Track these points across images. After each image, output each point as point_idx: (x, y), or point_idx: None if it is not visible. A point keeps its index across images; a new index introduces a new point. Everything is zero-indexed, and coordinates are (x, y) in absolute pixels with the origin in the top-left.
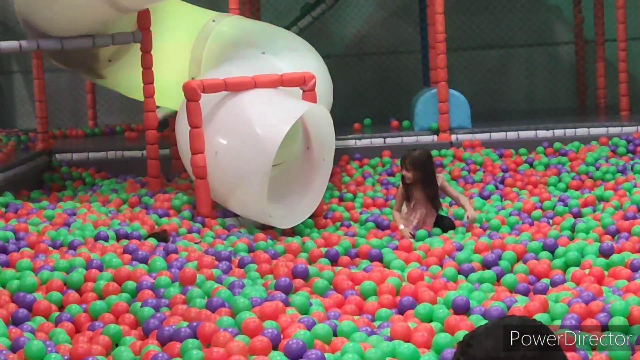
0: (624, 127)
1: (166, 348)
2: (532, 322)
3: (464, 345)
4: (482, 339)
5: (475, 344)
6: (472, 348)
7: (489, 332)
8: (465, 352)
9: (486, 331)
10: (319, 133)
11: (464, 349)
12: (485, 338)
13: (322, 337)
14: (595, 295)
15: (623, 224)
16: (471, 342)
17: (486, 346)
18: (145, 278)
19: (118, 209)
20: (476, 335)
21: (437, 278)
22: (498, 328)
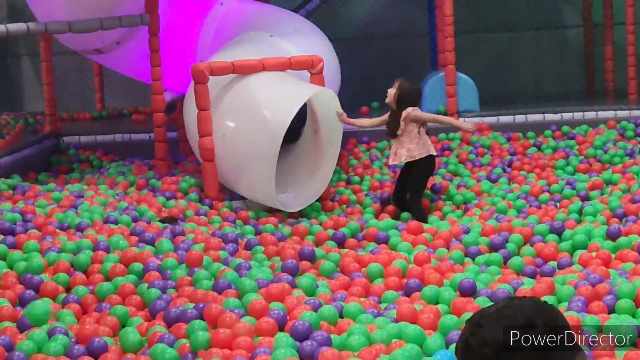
0: (632, 110)
1: (172, 329)
2: (544, 305)
3: (474, 325)
4: (492, 318)
5: (486, 325)
6: (482, 330)
7: (501, 312)
8: (475, 333)
9: (497, 311)
10: (327, 117)
11: (473, 330)
12: (495, 318)
13: (328, 319)
14: (602, 277)
15: (630, 207)
16: (481, 323)
17: (497, 327)
18: (152, 260)
19: (125, 192)
20: (486, 316)
21: (444, 260)
22: (510, 308)
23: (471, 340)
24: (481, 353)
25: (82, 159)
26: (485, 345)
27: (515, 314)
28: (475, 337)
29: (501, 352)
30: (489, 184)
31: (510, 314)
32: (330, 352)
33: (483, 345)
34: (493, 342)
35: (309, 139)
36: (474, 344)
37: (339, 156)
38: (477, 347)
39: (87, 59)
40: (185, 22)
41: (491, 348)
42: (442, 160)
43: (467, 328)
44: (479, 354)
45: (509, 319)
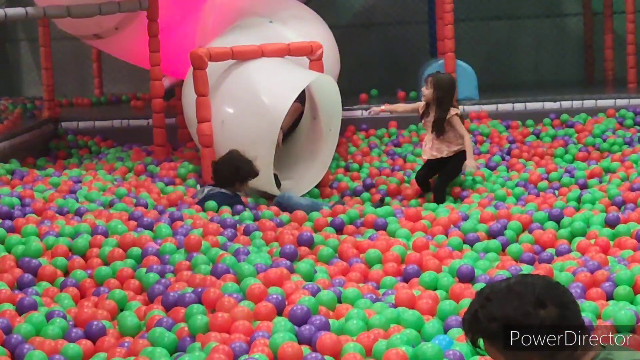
0: (631, 99)
1: (171, 313)
2: (557, 285)
3: (484, 298)
4: (503, 294)
5: (496, 300)
6: (491, 304)
7: (512, 288)
8: (484, 306)
9: (509, 287)
10: (326, 103)
11: (483, 303)
12: (506, 294)
13: (327, 304)
14: (600, 264)
15: (629, 195)
16: (491, 297)
17: (507, 303)
18: (150, 244)
19: (124, 177)
20: (497, 291)
21: (443, 247)
22: (522, 285)
23: (479, 313)
24: (488, 328)
25: (80, 145)
26: (493, 320)
27: (526, 292)
28: (483, 311)
29: (508, 328)
30: (488, 172)
31: (521, 291)
32: (329, 336)
33: (490, 320)
34: (501, 318)
35: (307, 125)
36: (482, 318)
37: (337, 143)
38: (485, 321)
39: (86, 45)
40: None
41: (498, 324)
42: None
43: (477, 300)
44: (486, 329)
45: (520, 296)
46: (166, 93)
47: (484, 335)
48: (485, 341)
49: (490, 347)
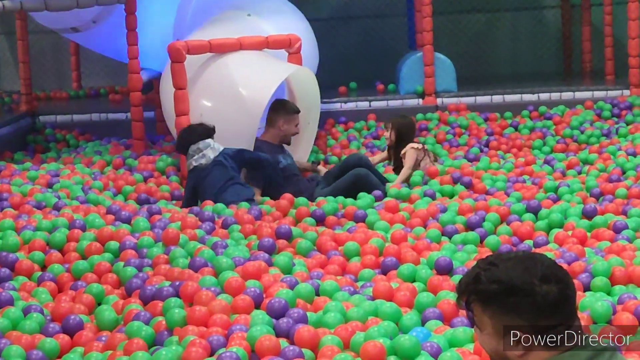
0: (609, 91)
1: (148, 307)
2: (561, 268)
3: (488, 263)
4: (510, 263)
5: (502, 265)
6: (496, 268)
7: (520, 259)
8: (488, 269)
9: (517, 258)
10: (305, 96)
11: (487, 267)
12: (513, 263)
13: (305, 296)
14: (577, 256)
15: (607, 187)
16: (497, 263)
17: (513, 271)
18: (128, 238)
19: (102, 171)
20: (504, 259)
21: (421, 239)
22: (530, 260)
23: (482, 275)
24: (488, 288)
25: (58, 139)
26: (496, 282)
27: (534, 265)
28: (487, 273)
29: (508, 293)
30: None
31: (529, 264)
32: (306, 329)
33: (493, 282)
34: (504, 282)
35: None
36: (484, 279)
37: (316, 136)
38: (486, 282)
39: (64, 38)
40: None
41: (500, 286)
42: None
43: (479, 266)
44: (485, 289)
45: (526, 267)
46: (144, 86)
47: (480, 296)
48: (478, 304)
49: (482, 311)
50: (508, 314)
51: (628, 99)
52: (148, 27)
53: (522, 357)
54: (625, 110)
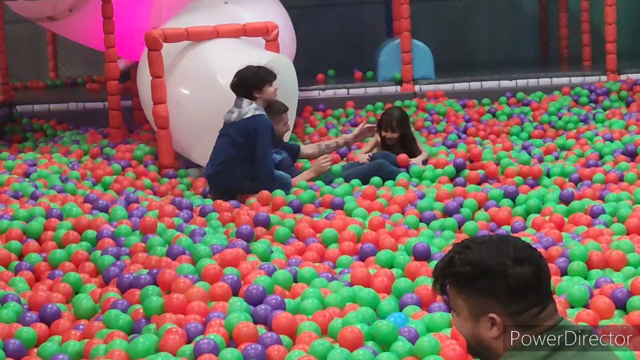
0: (586, 76)
1: (126, 295)
2: (534, 249)
3: (463, 247)
4: (484, 246)
5: (476, 248)
6: (471, 251)
7: (494, 242)
8: (462, 252)
9: (490, 241)
10: (282, 84)
11: (461, 250)
12: (487, 246)
13: (283, 283)
14: (554, 240)
15: (585, 172)
16: (471, 246)
17: (487, 253)
18: (105, 227)
19: (79, 160)
20: (478, 242)
21: (399, 225)
22: (504, 242)
23: (456, 258)
24: (462, 271)
25: (35, 128)
26: (469, 264)
27: (508, 248)
28: (461, 256)
29: (482, 275)
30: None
31: (502, 247)
32: (284, 315)
33: (466, 264)
34: (477, 264)
35: None
36: (458, 261)
37: (294, 123)
38: (460, 265)
39: (40, 27)
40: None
41: (473, 268)
42: None
43: (454, 249)
44: (459, 272)
45: (500, 249)
46: (122, 75)
47: (454, 279)
48: (453, 287)
49: (457, 294)
50: (482, 297)
51: (605, 85)
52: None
53: (498, 339)
54: (602, 96)
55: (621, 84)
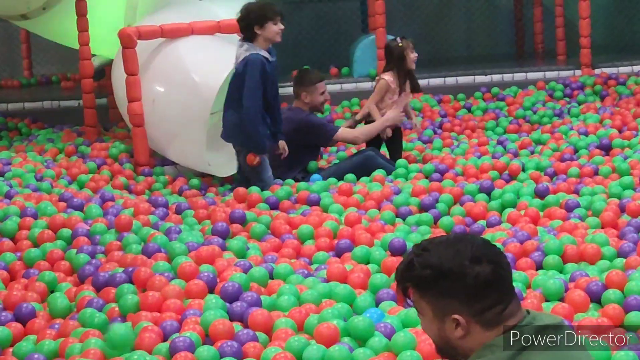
0: (560, 71)
1: (101, 293)
2: (493, 246)
3: (421, 249)
4: (442, 247)
5: (434, 250)
6: (428, 253)
7: (451, 242)
8: (421, 255)
9: (448, 241)
10: None
11: (419, 252)
12: (445, 247)
13: (259, 280)
14: (530, 235)
15: (560, 166)
16: (429, 248)
17: (445, 254)
18: (80, 225)
19: (54, 159)
20: (436, 243)
21: (375, 221)
22: (461, 242)
23: (415, 261)
24: (421, 274)
25: (10, 127)
26: (428, 267)
27: (465, 247)
28: (420, 259)
29: (440, 278)
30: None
31: (460, 246)
32: (260, 312)
33: (425, 267)
34: (436, 266)
35: None
36: (417, 265)
37: None
38: (419, 268)
39: (14, 26)
40: None
41: (432, 271)
42: None
43: (413, 251)
44: (418, 275)
45: (458, 250)
46: (96, 73)
47: (415, 283)
48: (415, 291)
49: (420, 297)
50: (444, 298)
51: (580, 79)
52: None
53: (463, 339)
54: (577, 90)
55: (595, 78)
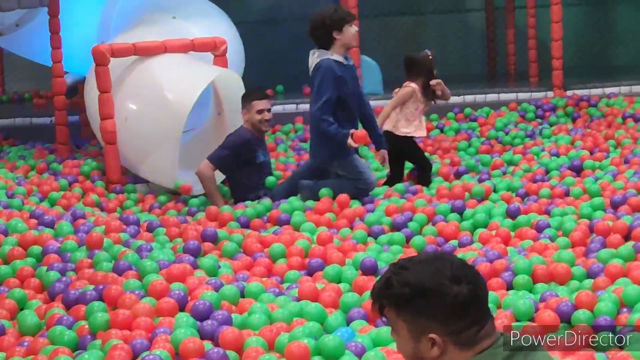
0: (532, 92)
1: (71, 311)
2: (471, 266)
3: (399, 267)
4: (421, 266)
5: (413, 268)
6: (407, 271)
7: (430, 261)
8: (399, 273)
9: (427, 260)
10: (231, 99)
11: (397, 271)
12: (423, 266)
13: (230, 298)
14: (500, 254)
15: (531, 187)
16: (408, 266)
17: (423, 273)
18: (51, 242)
19: (26, 176)
20: (415, 262)
21: (347, 240)
22: (440, 261)
23: (393, 279)
24: (399, 292)
25: None
26: (406, 285)
27: (444, 267)
28: (398, 277)
29: (419, 296)
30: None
31: (439, 265)
32: (231, 331)
33: (403, 285)
34: (414, 285)
35: (212, 121)
36: (395, 283)
37: None
38: (397, 286)
39: None
40: None
41: (410, 289)
42: None
43: (391, 269)
44: (397, 294)
45: (437, 269)
46: (69, 90)
47: (393, 301)
48: (391, 309)
49: (396, 316)
50: (421, 317)
51: (551, 101)
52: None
53: (439, 359)
54: (548, 111)
55: (567, 99)
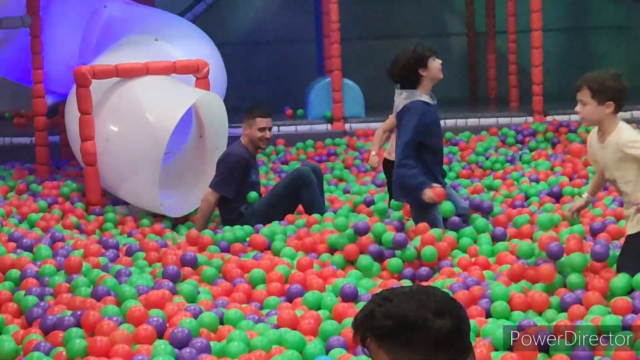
0: (513, 117)
1: (49, 337)
2: (454, 299)
3: (382, 299)
4: (405, 298)
5: (396, 300)
6: (391, 303)
7: (413, 294)
8: (383, 305)
9: (411, 293)
10: (212, 121)
11: (381, 302)
12: (408, 298)
13: (208, 325)
14: (479, 280)
15: (511, 212)
16: (391, 298)
17: (407, 306)
18: (29, 266)
19: (5, 197)
20: (398, 294)
21: (327, 266)
22: (424, 294)
23: (377, 311)
24: (382, 324)
25: None
26: (390, 317)
27: (428, 299)
28: (382, 309)
29: (403, 328)
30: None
31: (423, 298)
32: (209, 359)
33: (387, 318)
34: (398, 317)
35: (194, 143)
36: (379, 315)
37: None
38: (381, 318)
39: None
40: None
41: (394, 322)
42: (328, 166)
43: (374, 301)
44: (379, 326)
45: (421, 302)
46: (49, 110)
47: (375, 333)
48: (373, 341)
49: (378, 347)
50: (403, 349)
51: (532, 126)
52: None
53: None
54: (528, 136)
55: (547, 125)
